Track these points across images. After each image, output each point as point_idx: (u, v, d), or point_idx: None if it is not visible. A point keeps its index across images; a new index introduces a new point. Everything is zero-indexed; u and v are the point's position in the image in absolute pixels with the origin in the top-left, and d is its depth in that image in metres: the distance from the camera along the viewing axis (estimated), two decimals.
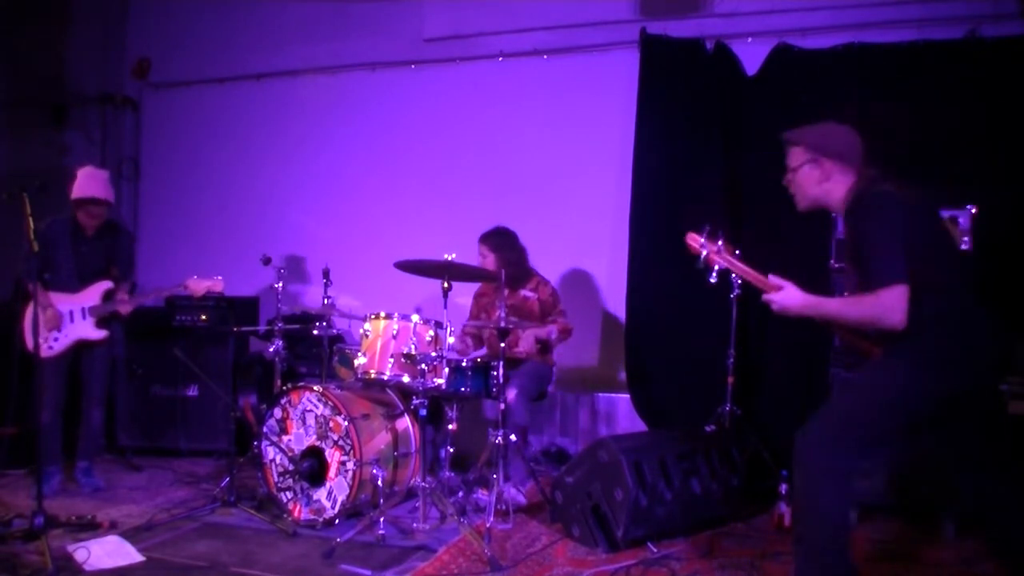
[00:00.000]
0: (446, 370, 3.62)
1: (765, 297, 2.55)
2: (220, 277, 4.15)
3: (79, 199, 4.12)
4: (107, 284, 4.25)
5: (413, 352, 3.62)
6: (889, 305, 2.31)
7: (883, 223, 2.40)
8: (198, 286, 4.12)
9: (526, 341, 4.39)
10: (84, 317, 4.19)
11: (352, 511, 3.62)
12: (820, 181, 2.59)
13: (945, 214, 3.73)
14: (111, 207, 4.30)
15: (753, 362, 4.69)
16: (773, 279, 2.57)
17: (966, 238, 3.74)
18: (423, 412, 3.57)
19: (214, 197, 6.22)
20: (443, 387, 3.61)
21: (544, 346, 4.48)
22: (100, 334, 4.22)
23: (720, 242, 2.67)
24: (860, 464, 2.49)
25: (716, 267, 2.67)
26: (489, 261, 4.39)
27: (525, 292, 4.52)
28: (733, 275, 2.70)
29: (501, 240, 4.46)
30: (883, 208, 2.43)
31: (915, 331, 2.33)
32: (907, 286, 2.31)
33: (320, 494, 3.67)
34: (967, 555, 3.27)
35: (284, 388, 3.88)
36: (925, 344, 2.36)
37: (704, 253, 2.66)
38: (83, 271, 4.23)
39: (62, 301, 4.16)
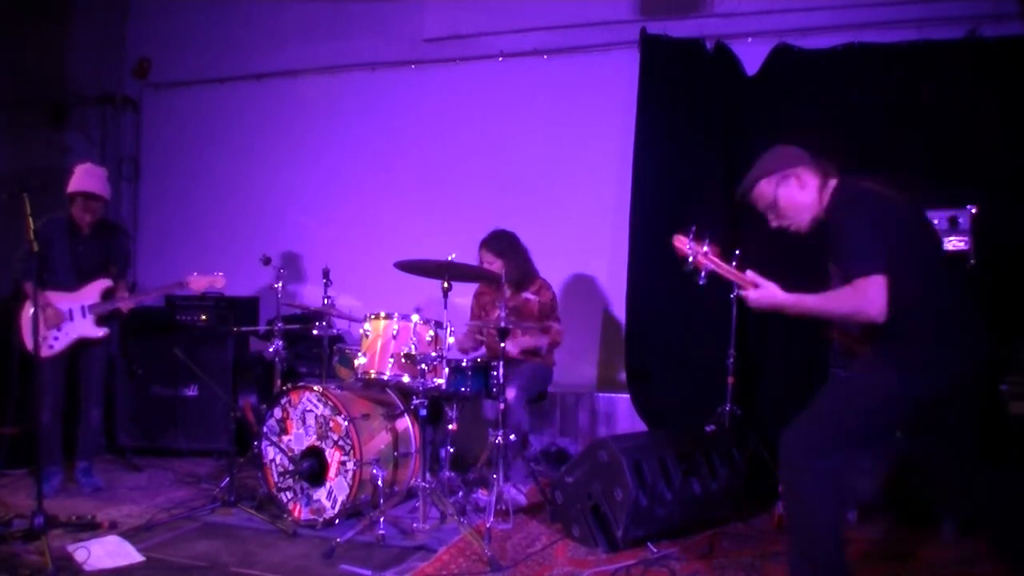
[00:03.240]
0: (446, 370, 3.62)
1: (741, 293, 2.56)
2: (221, 273, 4.15)
3: (74, 193, 4.13)
4: (106, 282, 4.24)
5: (413, 352, 3.62)
6: (867, 296, 2.30)
7: (861, 216, 2.40)
8: (199, 283, 4.13)
9: (513, 346, 4.38)
10: (84, 315, 4.19)
11: (352, 511, 3.62)
12: (801, 189, 2.57)
13: (945, 214, 3.74)
14: (107, 204, 4.29)
15: (753, 362, 4.69)
16: (750, 275, 2.56)
17: (966, 238, 3.74)
18: (423, 412, 3.57)
19: (214, 197, 6.22)
20: (443, 387, 3.61)
21: (533, 353, 4.48)
22: (100, 332, 4.22)
23: (706, 244, 2.63)
24: (845, 462, 2.48)
25: (704, 270, 2.64)
26: (496, 267, 4.37)
27: (527, 295, 4.51)
28: (724, 276, 2.64)
29: (503, 243, 4.44)
30: (861, 203, 2.44)
31: (898, 330, 2.33)
32: (885, 277, 2.29)
33: (320, 494, 3.67)
34: (967, 555, 3.26)
35: (284, 388, 3.88)
36: (908, 345, 2.36)
37: (691, 256, 2.63)
38: (80, 270, 4.23)
39: (61, 300, 4.16)
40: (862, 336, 2.55)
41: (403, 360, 3.65)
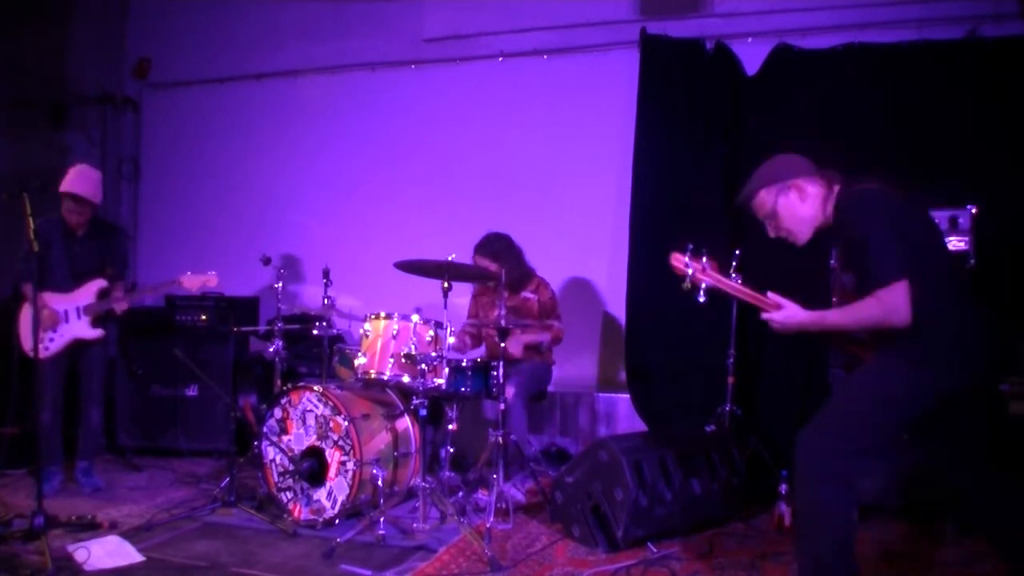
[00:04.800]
0: (446, 370, 3.62)
1: (764, 316, 2.50)
2: (213, 272, 4.14)
3: (63, 193, 4.11)
4: (101, 283, 4.24)
5: (413, 352, 3.62)
6: (892, 305, 2.27)
7: (875, 220, 2.35)
8: (192, 282, 4.12)
9: (515, 345, 4.38)
10: (79, 316, 4.18)
11: (352, 511, 3.62)
12: (801, 201, 2.53)
13: (945, 214, 3.74)
14: (96, 208, 4.24)
15: (753, 362, 4.69)
16: (772, 297, 2.50)
17: (966, 238, 3.74)
18: (423, 412, 3.57)
19: (214, 197, 6.22)
20: (443, 387, 3.61)
21: (535, 349, 4.48)
22: (96, 333, 4.21)
23: (705, 259, 2.58)
24: (860, 466, 2.45)
25: (703, 286, 2.58)
26: (492, 270, 4.38)
27: (526, 294, 4.52)
28: (728, 292, 2.59)
29: (499, 246, 4.44)
30: (872, 205, 2.40)
31: (912, 330, 2.31)
32: (907, 281, 2.27)
33: (320, 494, 3.67)
34: (967, 555, 3.26)
35: (284, 388, 3.88)
36: (918, 342, 2.33)
37: (690, 272, 2.58)
38: (76, 270, 4.22)
39: (56, 301, 4.15)
40: (870, 340, 2.52)
41: (403, 360, 3.64)
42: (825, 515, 2.36)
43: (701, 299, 2.59)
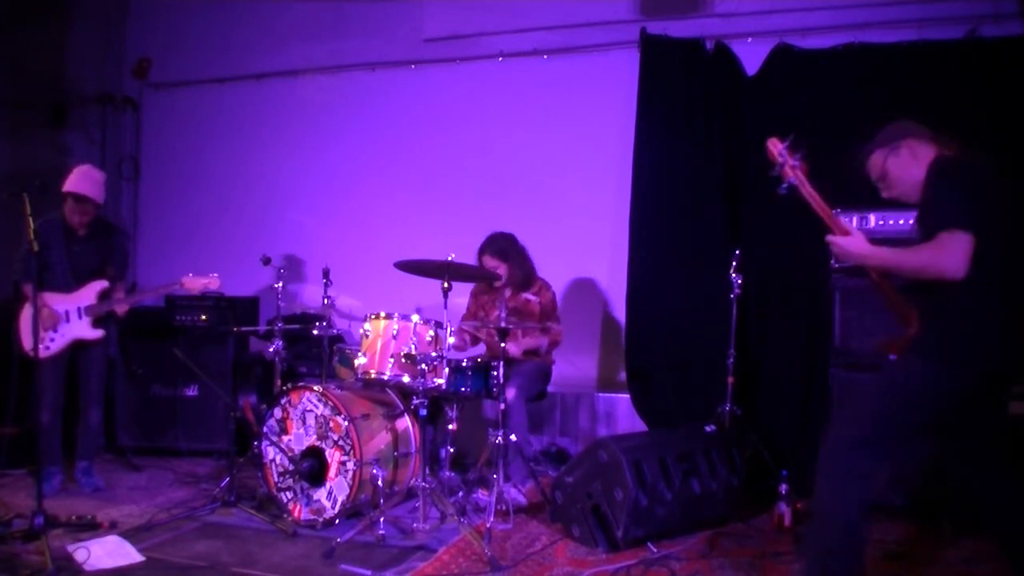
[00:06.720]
0: (446, 370, 3.62)
1: (829, 238, 2.47)
2: (216, 274, 4.15)
3: (66, 193, 4.11)
4: (102, 283, 4.24)
5: (413, 352, 3.62)
6: (949, 250, 2.23)
7: (948, 176, 2.35)
8: (194, 284, 4.12)
9: (515, 347, 4.38)
10: (80, 317, 4.18)
11: (352, 511, 3.62)
12: (912, 160, 2.51)
13: None
14: (99, 208, 4.25)
15: (753, 362, 4.69)
16: (843, 221, 2.48)
17: None
18: (423, 412, 3.57)
19: (214, 197, 6.22)
20: (443, 387, 3.62)
21: (533, 352, 4.49)
22: (96, 333, 4.21)
23: (800, 156, 2.53)
24: (884, 465, 2.43)
25: (787, 182, 2.54)
26: (502, 270, 4.39)
27: (527, 295, 4.51)
28: (806, 198, 2.53)
29: (505, 245, 4.45)
30: (951, 165, 2.39)
31: (955, 310, 2.29)
32: (972, 237, 2.21)
33: (320, 494, 3.67)
34: (967, 555, 3.26)
35: (284, 388, 3.88)
36: (954, 340, 2.31)
37: (780, 163, 2.53)
38: (77, 271, 4.22)
39: (57, 301, 4.15)
40: (920, 316, 2.48)
41: (403, 360, 3.65)
42: (835, 510, 2.34)
43: (782, 191, 2.56)
